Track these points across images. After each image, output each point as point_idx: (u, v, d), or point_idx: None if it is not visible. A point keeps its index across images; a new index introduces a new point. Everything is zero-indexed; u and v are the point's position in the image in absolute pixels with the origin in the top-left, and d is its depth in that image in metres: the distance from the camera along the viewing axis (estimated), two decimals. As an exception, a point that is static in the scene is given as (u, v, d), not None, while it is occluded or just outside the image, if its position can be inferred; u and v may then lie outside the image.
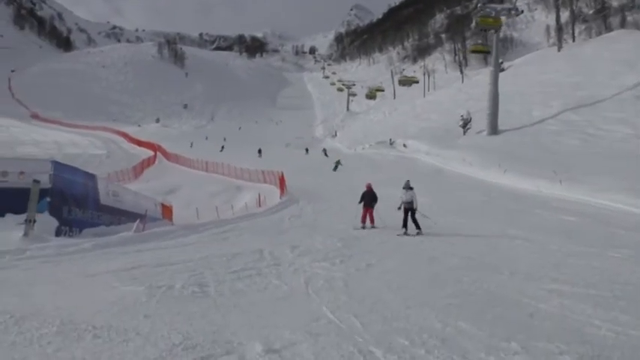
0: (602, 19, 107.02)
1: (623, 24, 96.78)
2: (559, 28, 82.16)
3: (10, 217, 11.95)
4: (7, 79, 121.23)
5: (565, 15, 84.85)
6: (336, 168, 37.05)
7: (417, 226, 11.63)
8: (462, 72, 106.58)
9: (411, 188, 12.52)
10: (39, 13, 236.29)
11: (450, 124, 51.77)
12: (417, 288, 4.94)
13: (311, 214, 18.19)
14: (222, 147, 58.10)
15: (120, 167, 39.12)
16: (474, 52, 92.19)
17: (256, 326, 3.39)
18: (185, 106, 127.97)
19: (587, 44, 71.85)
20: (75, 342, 2.99)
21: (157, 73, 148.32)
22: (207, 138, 78.08)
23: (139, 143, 59.34)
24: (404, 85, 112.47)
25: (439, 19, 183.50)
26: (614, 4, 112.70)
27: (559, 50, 77.63)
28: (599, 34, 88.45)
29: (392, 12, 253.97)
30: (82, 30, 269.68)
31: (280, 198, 24.47)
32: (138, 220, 14.16)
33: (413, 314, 3.76)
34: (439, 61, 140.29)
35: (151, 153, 50.03)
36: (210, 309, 3.90)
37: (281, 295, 4.49)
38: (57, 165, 14.21)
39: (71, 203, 14.59)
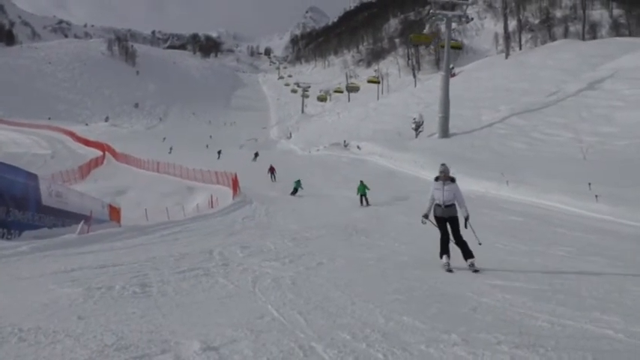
0: (547, 28, 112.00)
1: (566, 34, 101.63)
2: (507, 37, 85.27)
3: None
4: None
5: (512, 24, 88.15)
6: (255, 158, 45.77)
7: (467, 253, 6.53)
8: (414, 76, 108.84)
9: (453, 180, 7.11)
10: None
11: (402, 126, 52.76)
12: (365, 285, 4.97)
13: (264, 215, 18.06)
14: (171, 148, 56.45)
15: (66, 167, 37.64)
16: (414, 41, 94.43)
17: (197, 325, 3.29)
18: (136, 105, 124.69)
19: (532, 52, 74.94)
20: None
21: (106, 71, 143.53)
22: (164, 139, 75.03)
23: (87, 143, 57.35)
24: (350, 91, 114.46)
25: (393, 23, 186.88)
26: (558, 15, 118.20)
27: (507, 57, 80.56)
28: (544, 42, 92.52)
29: (347, 16, 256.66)
30: (25, 23, 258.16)
31: (233, 199, 24.19)
32: (82, 222, 13.63)
33: (358, 310, 3.77)
34: (393, 65, 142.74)
35: (99, 153, 48.44)
36: (151, 309, 3.76)
37: (226, 294, 4.40)
38: (-6, 164, 13.50)
39: (10, 204, 13.86)
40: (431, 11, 47.27)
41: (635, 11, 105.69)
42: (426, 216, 6.99)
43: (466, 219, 6.69)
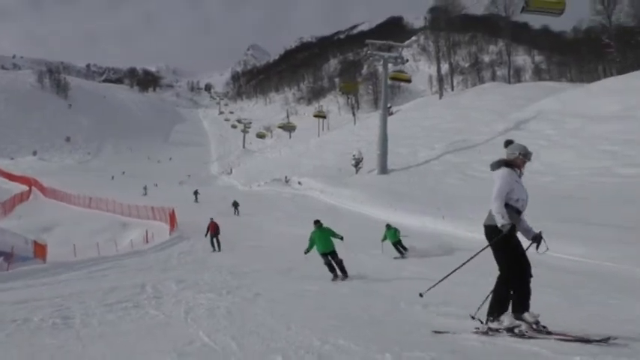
0: (476, 72, 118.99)
1: (493, 77, 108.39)
2: (440, 79, 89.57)
3: None
4: None
5: (445, 67, 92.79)
6: (197, 198, 41.63)
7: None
8: (354, 114, 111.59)
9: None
10: None
11: (342, 162, 53.57)
12: (302, 314, 4.87)
13: (201, 251, 17.61)
14: (145, 188, 50.44)
15: (-14, 203, 35.19)
16: (344, 90, 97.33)
17: (120, 354, 3.08)
18: (67, 139, 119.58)
19: (464, 93, 79.06)
20: None
21: (35, 104, 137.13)
22: (112, 178, 69.79)
23: (11, 177, 54.12)
24: (286, 130, 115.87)
25: (333, 63, 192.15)
26: (486, 59, 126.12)
27: (440, 98, 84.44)
28: (474, 84, 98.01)
29: (288, 54, 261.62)
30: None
31: (170, 235, 23.49)
32: (1, 258, 12.72)
33: (293, 335, 3.68)
34: (333, 103, 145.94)
35: (25, 188, 45.77)
36: (71, 339, 3.50)
37: (156, 324, 4.17)
38: None
39: None
40: (368, 52, 49.03)
41: (554, 58, 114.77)
42: (512, 229, 4.10)
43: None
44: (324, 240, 9.61)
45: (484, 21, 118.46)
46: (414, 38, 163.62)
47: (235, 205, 34.44)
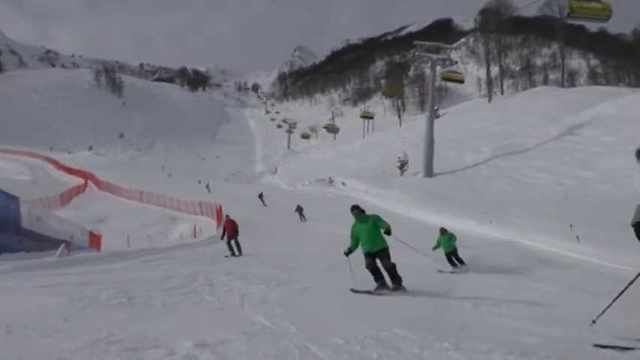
0: (528, 75, 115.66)
1: (545, 81, 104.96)
2: (489, 82, 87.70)
3: None
4: None
5: (495, 70, 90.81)
6: (263, 202, 37.83)
7: None
8: (399, 116, 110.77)
9: None
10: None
11: (387, 165, 53.27)
12: (353, 305, 4.93)
13: (248, 246, 17.90)
14: (208, 185, 52.09)
15: (46, 194, 37.03)
16: (387, 93, 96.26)
17: (186, 329, 3.25)
18: (121, 136, 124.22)
19: (514, 97, 77.06)
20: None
21: (92, 101, 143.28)
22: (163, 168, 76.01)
23: (69, 171, 56.71)
24: (330, 131, 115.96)
25: (379, 65, 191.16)
26: (538, 62, 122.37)
27: (489, 101, 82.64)
28: (525, 88, 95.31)
29: (334, 56, 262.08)
30: (13, 52, 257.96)
31: (217, 230, 24.01)
32: (63, 245, 13.39)
33: (347, 322, 3.76)
34: (378, 105, 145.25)
35: (81, 181, 47.87)
36: (138, 316, 3.72)
37: (214, 308, 4.35)
38: (-25, 184, 13.30)
39: (-11, 225, 13.63)
40: (416, 54, 48.56)
41: (611, 61, 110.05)
42: None
43: None
44: (368, 234, 6.83)
45: (537, 23, 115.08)
46: (462, 40, 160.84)
47: (300, 210, 31.92)
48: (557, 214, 22.30)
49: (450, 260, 12.57)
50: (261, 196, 38.71)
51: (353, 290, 6.19)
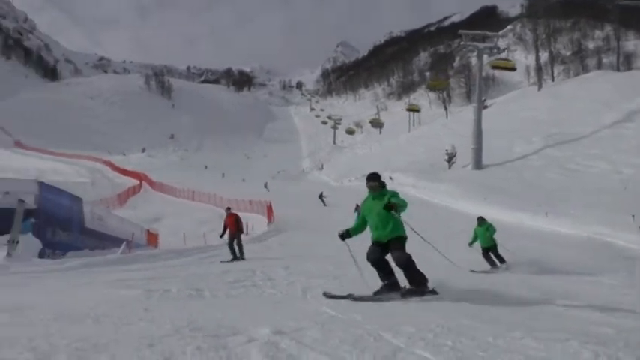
0: (580, 60, 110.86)
1: (599, 65, 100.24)
2: (539, 68, 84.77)
3: (-6, 237, 11.60)
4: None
5: (544, 56, 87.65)
6: (324, 202, 35.85)
7: None
8: (445, 108, 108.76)
9: None
10: (26, 43, 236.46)
11: (434, 158, 52.47)
12: (416, 299, 4.92)
13: (299, 242, 18.10)
14: (266, 184, 51.56)
15: (105, 195, 38.66)
16: (431, 86, 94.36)
17: (258, 319, 3.37)
18: (171, 137, 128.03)
19: (565, 84, 74.11)
20: (74, 325, 2.97)
21: (143, 104, 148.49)
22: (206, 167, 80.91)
23: (124, 172, 58.95)
24: (375, 126, 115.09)
25: (423, 57, 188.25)
26: (590, 46, 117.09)
27: (539, 89, 79.89)
28: (577, 74, 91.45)
29: (377, 50, 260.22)
30: (68, 61, 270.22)
31: (267, 226, 24.42)
32: (125, 243, 13.99)
33: (416, 314, 3.78)
34: (424, 98, 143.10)
35: (136, 182, 49.67)
36: (209, 307, 3.89)
37: (278, 300, 4.47)
38: (43, 186, 14.06)
39: (56, 225, 14.36)
40: (461, 43, 47.56)
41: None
42: None
43: None
44: (379, 216, 5.18)
45: (588, 5, 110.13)
46: (509, 27, 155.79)
47: (321, 196, 31.22)
48: (616, 204, 21.40)
49: (486, 257, 10.48)
50: (321, 196, 36.73)
51: (326, 294, 4.85)
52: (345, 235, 5.36)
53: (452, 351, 2.46)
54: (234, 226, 12.67)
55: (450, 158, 47.14)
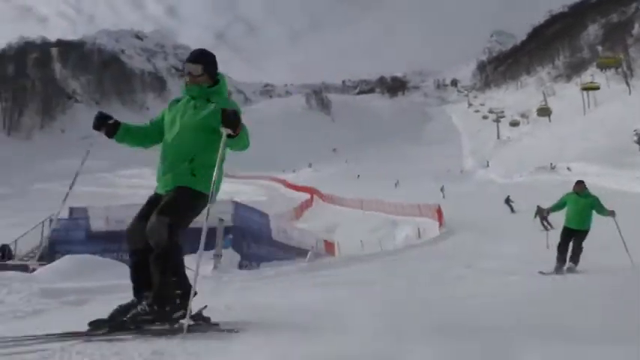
0: None
1: None
2: None
3: (201, 253, 13.34)
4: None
5: None
6: (512, 209, 30.52)
7: None
8: (627, 84, 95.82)
9: None
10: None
11: (617, 141, 46.71)
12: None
13: (474, 244, 17.60)
14: (442, 188, 47.44)
15: (281, 211, 41.90)
16: (601, 65, 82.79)
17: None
18: (334, 150, 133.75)
19: None
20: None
21: (306, 122, 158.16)
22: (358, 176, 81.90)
23: (296, 188, 63.13)
24: (541, 115, 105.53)
25: (592, 30, 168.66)
26: None
27: None
28: None
29: (537, 31, 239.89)
30: (239, 91, 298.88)
31: (439, 230, 24.20)
32: (310, 252, 15.14)
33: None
34: (598, 75, 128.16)
35: (307, 196, 52.86)
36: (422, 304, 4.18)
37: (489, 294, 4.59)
38: (237, 205, 15.94)
39: (249, 239, 16.14)
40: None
41: None
42: None
43: None
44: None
45: None
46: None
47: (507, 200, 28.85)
48: None
49: (562, 249, 7.56)
50: (508, 200, 31.66)
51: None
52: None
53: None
54: None
55: (641, 139, 41.64)
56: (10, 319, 4.28)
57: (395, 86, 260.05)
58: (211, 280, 8.91)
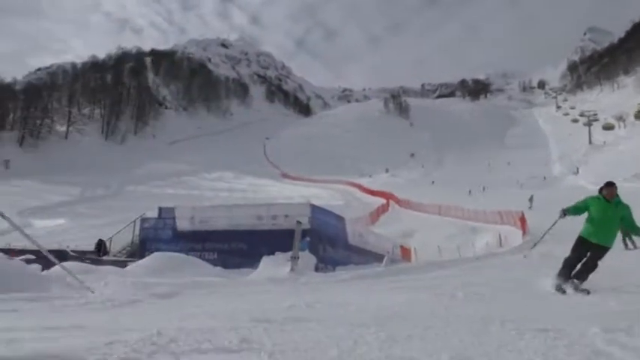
0: None
1: None
2: None
3: (279, 255, 13.70)
4: (262, 146, 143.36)
5: None
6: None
7: None
8: None
9: None
10: (284, 87, 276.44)
11: None
12: None
13: (561, 252, 16.64)
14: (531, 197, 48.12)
15: (357, 215, 41.90)
16: None
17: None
18: (412, 155, 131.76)
19: None
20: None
21: (383, 127, 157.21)
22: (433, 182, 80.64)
23: (372, 192, 62.92)
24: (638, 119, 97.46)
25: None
26: None
27: None
28: None
29: (637, 28, 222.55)
30: (318, 96, 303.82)
31: (522, 238, 23.13)
32: (386, 256, 15.04)
33: None
34: None
35: (383, 201, 52.51)
36: (491, 310, 4.09)
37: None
38: (314, 208, 16.15)
39: (326, 242, 16.28)
40: None
41: None
42: None
43: None
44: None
45: None
46: None
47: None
48: None
49: (570, 263, 6.19)
50: (530, 199, 30.40)
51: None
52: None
53: None
54: None
55: None
56: (108, 307, 4.71)
57: (477, 89, 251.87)
58: (288, 282, 9.14)
